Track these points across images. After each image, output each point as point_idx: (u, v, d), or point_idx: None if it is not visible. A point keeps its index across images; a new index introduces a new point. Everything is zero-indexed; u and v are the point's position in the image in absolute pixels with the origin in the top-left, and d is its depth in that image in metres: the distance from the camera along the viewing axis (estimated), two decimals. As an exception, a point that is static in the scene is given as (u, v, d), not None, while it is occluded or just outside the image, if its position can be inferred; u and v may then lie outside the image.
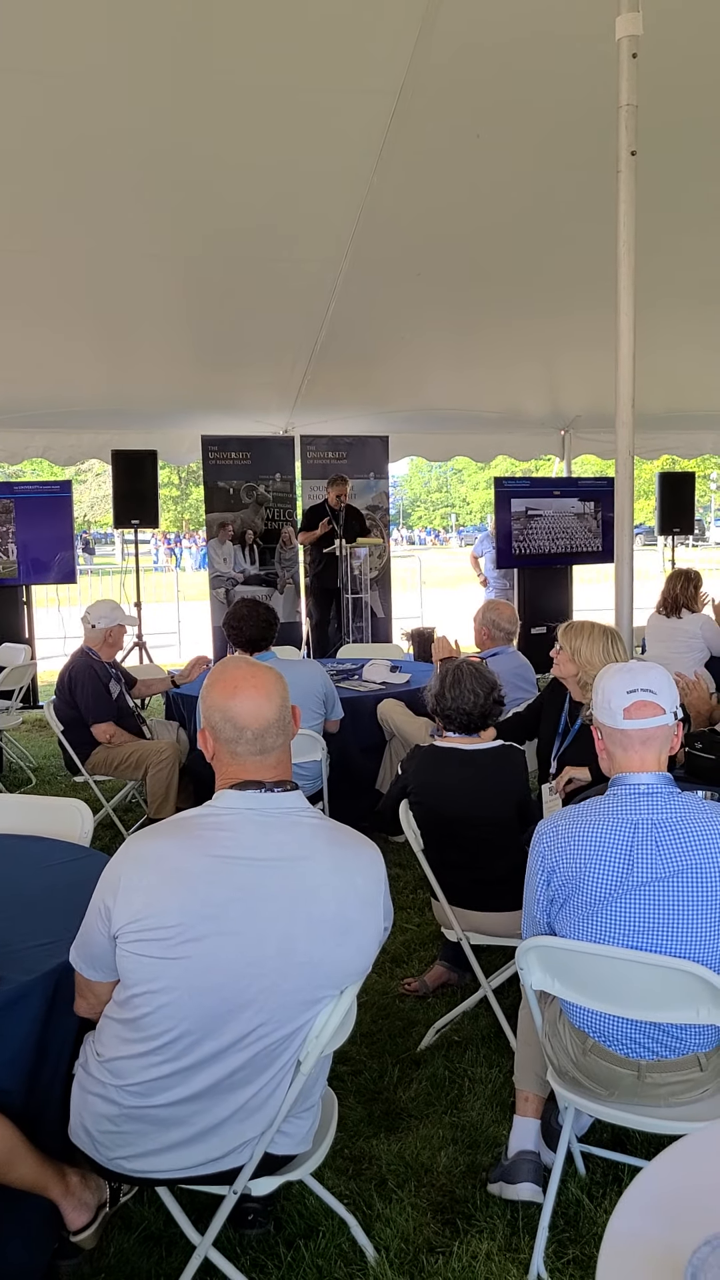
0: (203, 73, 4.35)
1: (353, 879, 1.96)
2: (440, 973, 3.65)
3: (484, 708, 3.35)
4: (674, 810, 2.17)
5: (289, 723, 2.03)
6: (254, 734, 1.96)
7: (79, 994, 2.07)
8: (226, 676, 2.02)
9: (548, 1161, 2.52)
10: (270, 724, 1.97)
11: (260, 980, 1.88)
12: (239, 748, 1.97)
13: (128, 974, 1.90)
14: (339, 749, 4.91)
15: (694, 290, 6.82)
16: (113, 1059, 1.96)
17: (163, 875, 1.87)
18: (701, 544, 33.62)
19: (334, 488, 8.34)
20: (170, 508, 37.13)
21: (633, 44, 3.55)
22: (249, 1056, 1.91)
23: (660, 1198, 1.20)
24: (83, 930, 1.98)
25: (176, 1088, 1.91)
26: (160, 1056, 1.90)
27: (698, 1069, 2.19)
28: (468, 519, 49.78)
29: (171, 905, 1.85)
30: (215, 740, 2.01)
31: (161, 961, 1.85)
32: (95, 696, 4.99)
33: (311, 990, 1.92)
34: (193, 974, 1.85)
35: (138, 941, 1.85)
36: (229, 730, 1.97)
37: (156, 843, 1.92)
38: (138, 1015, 1.90)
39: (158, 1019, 1.88)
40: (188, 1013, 1.87)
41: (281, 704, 2.00)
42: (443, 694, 3.36)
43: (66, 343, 7.43)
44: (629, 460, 3.84)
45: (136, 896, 1.86)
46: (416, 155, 5.03)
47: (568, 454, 10.70)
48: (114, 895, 1.88)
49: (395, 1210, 2.50)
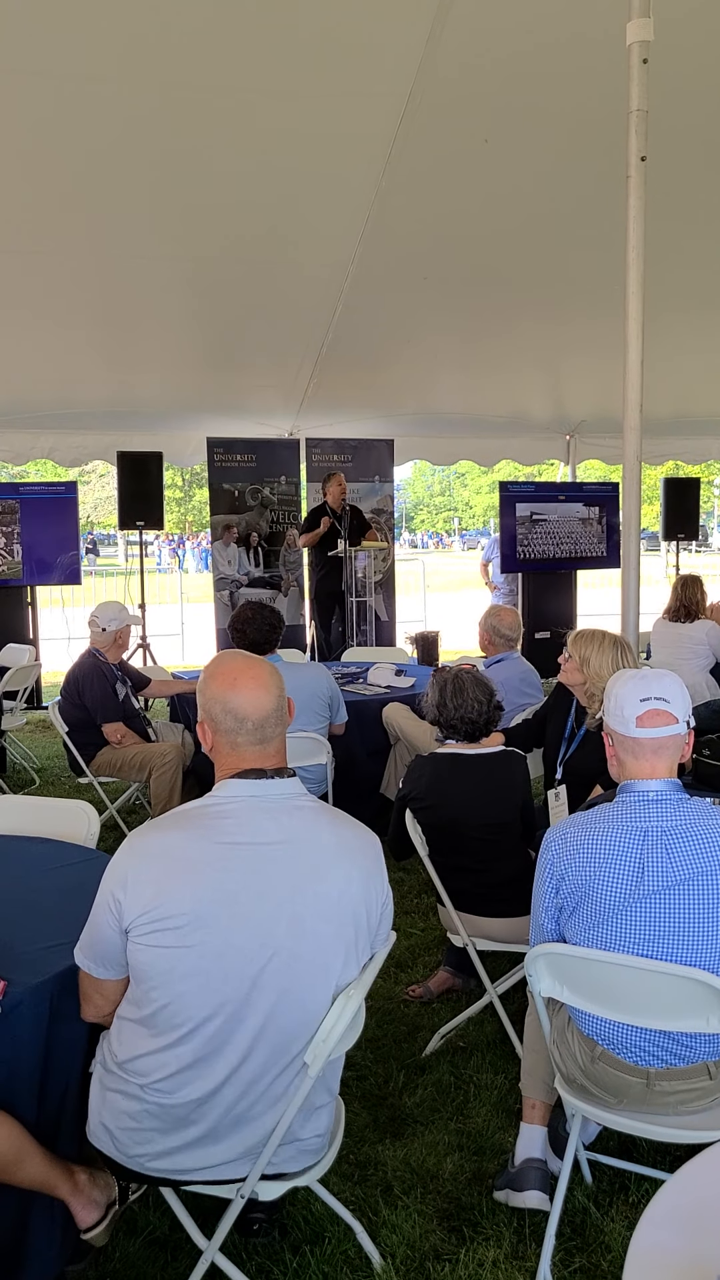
0: (213, 76, 4.35)
1: (355, 857, 2.00)
2: (445, 978, 3.64)
3: (487, 714, 3.37)
4: (684, 816, 2.16)
5: (285, 712, 2.06)
6: (254, 724, 1.99)
7: (84, 999, 2.06)
8: (225, 669, 2.05)
9: (554, 1169, 2.51)
10: (269, 714, 2.00)
11: (274, 959, 1.89)
12: (239, 738, 1.99)
13: (142, 968, 1.90)
14: (344, 752, 4.91)
15: (701, 296, 6.82)
16: (132, 1059, 1.95)
17: (171, 866, 1.88)
18: (705, 549, 33.60)
19: (329, 485, 8.34)
20: (174, 509, 37.13)
21: (643, 49, 3.54)
22: (268, 1046, 1.92)
23: (684, 1210, 1.19)
24: (89, 929, 1.98)
25: (199, 1080, 1.91)
26: (182, 1047, 1.90)
27: (707, 1078, 2.18)
28: (470, 523, 49.79)
29: (183, 894, 1.86)
30: (214, 732, 2.03)
31: (177, 951, 1.86)
32: (103, 698, 5.00)
33: (323, 970, 1.94)
34: (208, 959, 1.86)
35: (151, 933, 1.86)
36: (229, 721, 1.99)
37: (162, 835, 1.94)
38: (155, 1009, 1.90)
39: (176, 1009, 1.89)
40: (205, 999, 1.88)
41: (279, 694, 2.03)
42: (444, 704, 3.36)
43: (73, 343, 7.44)
44: (636, 466, 3.83)
45: (147, 889, 1.87)
46: (425, 159, 5.03)
47: (572, 459, 10.69)
48: (123, 889, 1.88)
49: (401, 1217, 2.49)
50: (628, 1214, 2.50)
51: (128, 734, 5.03)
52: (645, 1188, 2.59)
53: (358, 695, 5.37)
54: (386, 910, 2.08)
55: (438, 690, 3.40)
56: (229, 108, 4.60)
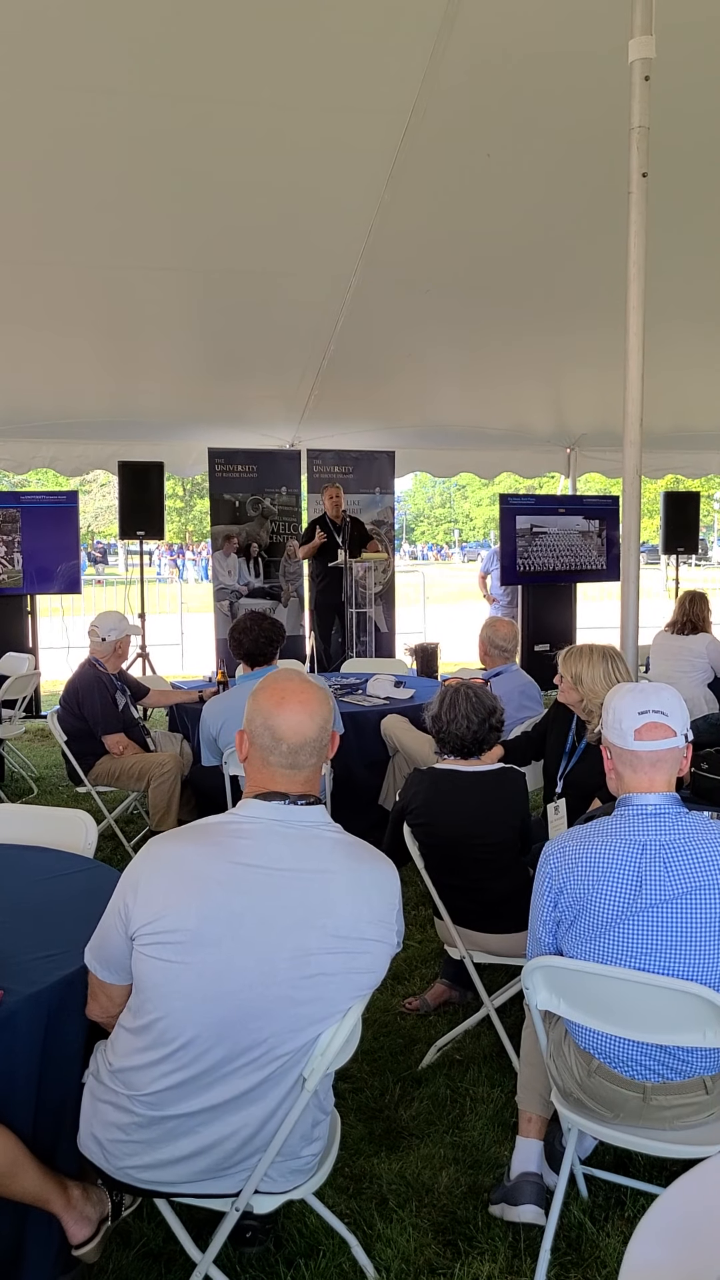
0: (217, 89, 4.38)
1: (369, 894, 1.96)
2: (441, 990, 3.64)
3: (478, 733, 3.29)
4: (682, 831, 2.16)
5: (325, 745, 2.02)
6: (289, 748, 1.97)
7: (91, 996, 2.07)
8: (276, 686, 2.03)
9: (550, 1183, 2.50)
10: (308, 741, 1.98)
11: (272, 990, 1.87)
12: (272, 757, 1.98)
13: (141, 978, 1.90)
14: (342, 764, 4.90)
15: (702, 311, 6.84)
16: (125, 1069, 1.95)
17: (182, 878, 1.87)
18: (704, 563, 33.63)
19: (324, 496, 8.34)
20: (174, 519, 37.17)
21: (645, 67, 3.57)
22: (261, 1071, 1.90)
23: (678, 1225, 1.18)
24: (99, 931, 1.98)
25: (189, 1099, 1.90)
26: (171, 1064, 1.90)
27: (703, 1092, 2.18)
28: (471, 535, 49.83)
29: (190, 909, 1.85)
30: (251, 745, 2.01)
31: (175, 965, 1.85)
32: (104, 709, 5.00)
33: (323, 1004, 1.91)
34: (205, 980, 1.85)
35: (153, 944, 1.86)
36: (266, 738, 1.98)
37: (179, 846, 1.93)
38: (149, 1021, 1.90)
39: (169, 1025, 1.88)
40: (199, 1019, 1.87)
41: (323, 724, 2.00)
42: (439, 716, 3.35)
43: (76, 353, 7.46)
44: (636, 480, 3.84)
45: (156, 898, 1.87)
46: (427, 174, 5.06)
47: (573, 472, 10.72)
48: (134, 895, 1.89)
49: (396, 1230, 2.48)
50: (623, 1229, 2.50)
51: (129, 745, 5.03)
52: (641, 1202, 2.58)
53: (357, 706, 5.37)
54: (396, 947, 2.03)
55: (437, 702, 3.39)
56: (233, 121, 4.62)
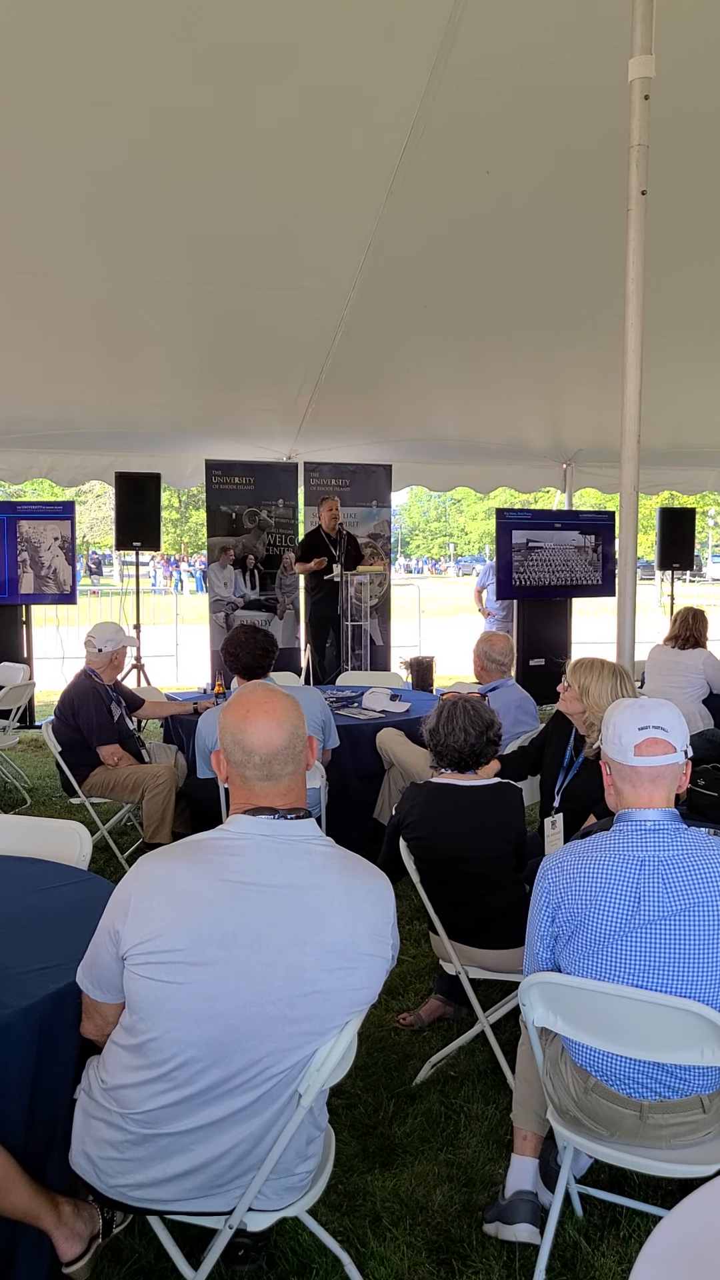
0: (216, 102, 4.40)
1: (363, 909, 1.94)
2: (436, 1006, 3.61)
3: (475, 747, 3.28)
4: (681, 847, 2.15)
5: (301, 752, 2.00)
6: (261, 759, 1.95)
7: (86, 1015, 2.06)
8: (241, 701, 2.02)
9: (545, 1202, 2.48)
10: (278, 751, 1.95)
11: (267, 1009, 1.86)
12: (248, 771, 1.96)
13: (134, 997, 1.88)
14: (338, 777, 4.89)
15: (699, 328, 6.88)
16: (118, 1086, 1.93)
17: (173, 897, 1.86)
18: (699, 579, 33.71)
19: (321, 509, 8.35)
20: (170, 530, 37.15)
21: (645, 85, 3.59)
22: (257, 1090, 1.89)
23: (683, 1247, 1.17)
24: (91, 950, 1.96)
25: (183, 1118, 1.88)
26: (166, 1084, 1.88)
27: (700, 1111, 2.16)
28: (466, 549, 49.88)
29: (181, 929, 1.83)
30: (228, 763, 2.00)
31: (168, 985, 1.83)
32: (100, 721, 4.99)
33: (318, 1021, 1.90)
34: (199, 999, 1.83)
35: (146, 964, 1.84)
36: (238, 754, 1.97)
37: (168, 864, 1.91)
38: (143, 1040, 1.88)
39: (162, 1044, 1.86)
40: (193, 1039, 1.85)
41: (292, 732, 1.98)
42: (436, 730, 3.34)
43: (73, 364, 7.47)
44: (633, 496, 3.85)
45: (146, 918, 1.85)
46: (427, 189, 5.09)
47: (569, 487, 10.73)
48: (124, 916, 1.87)
49: (389, 1249, 2.46)
50: (618, 1248, 2.48)
51: (124, 756, 5.01)
52: (636, 1222, 2.56)
53: (352, 719, 5.36)
54: (391, 962, 2.02)
55: (435, 715, 3.39)
56: (232, 133, 4.65)
